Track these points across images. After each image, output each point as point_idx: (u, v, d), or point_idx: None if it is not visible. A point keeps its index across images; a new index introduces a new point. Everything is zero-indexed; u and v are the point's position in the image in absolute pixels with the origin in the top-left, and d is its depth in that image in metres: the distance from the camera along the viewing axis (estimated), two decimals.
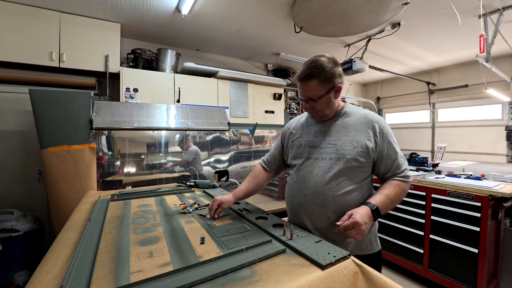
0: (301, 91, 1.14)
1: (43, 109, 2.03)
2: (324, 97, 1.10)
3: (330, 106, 1.14)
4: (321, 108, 1.14)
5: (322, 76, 1.06)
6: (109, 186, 2.21)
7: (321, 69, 1.06)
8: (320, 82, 1.07)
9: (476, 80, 4.89)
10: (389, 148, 1.10)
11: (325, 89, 1.08)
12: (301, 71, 1.10)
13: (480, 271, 1.97)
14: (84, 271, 0.70)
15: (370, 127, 1.12)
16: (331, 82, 1.08)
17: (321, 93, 1.08)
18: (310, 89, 1.09)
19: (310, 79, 1.08)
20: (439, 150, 3.09)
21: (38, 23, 2.78)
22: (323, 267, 0.73)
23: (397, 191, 1.07)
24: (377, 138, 1.10)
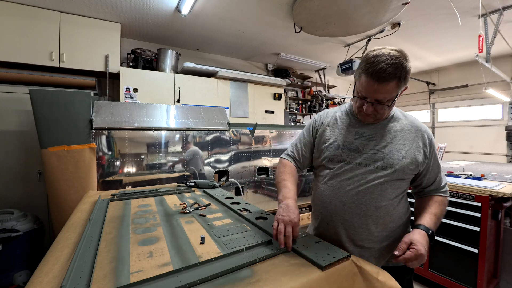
0: (371, 90, 0.92)
1: (43, 109, 2.03)
2: (395, 100, 0.96)
3: (391, 109, 1.04)
4: (386, 112, 1.01)
5: (402, 77, 0.89)
6: (109, 186, 2.21)
7: (402, 69, 0.89)
8: (398, 84, 0.90)
9: (476, 80, 4.90)
10: (434, 161, 1.04)
11: (399, 91, 0.93)
12: (381, 68, 0.87)
13: (480, 271, 1.97)
14: (84, 271, 0.70)
15: (419, 137, 1.02)
16: (405, 83, 0.93)
17: (395, 95, 0.93)
18: (387, 91, 0.91)
19: (391, 80, 0.88)
20: (439, 150, 3.09)
21: (38, 23, 2.78)
22: (323, 268, 0.73)
23: (442, 209, 1.02)
24: (426, 149, 1.01)
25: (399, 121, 1.06)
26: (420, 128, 1.04)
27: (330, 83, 5.94)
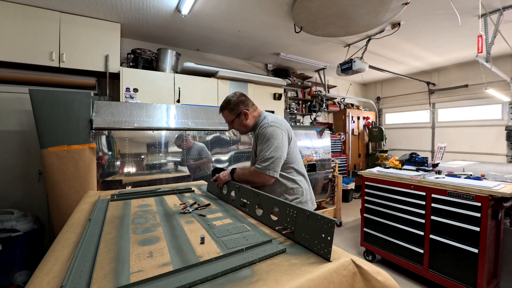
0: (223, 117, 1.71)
1: (43, 109, 2.03)
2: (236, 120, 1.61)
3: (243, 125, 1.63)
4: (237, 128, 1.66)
5: (229, 107, 1.59)
6: (109, 186, 2.21)
7: (228, 103, 1.59)
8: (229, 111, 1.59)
9: (476, 80, 4.90)
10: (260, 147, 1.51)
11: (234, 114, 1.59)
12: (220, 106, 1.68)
13: (480, 271, 1.97)
14: (84, 271, 0.70)
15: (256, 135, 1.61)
16: (237, 110, 1.57)
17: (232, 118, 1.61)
18: (225, 116, 1.64)
19: (222, 110, 1.63)
20: (439, 150, 3.09)
21: (38, 23, 2.78)
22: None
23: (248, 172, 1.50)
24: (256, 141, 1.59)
25: (257, 129, 1.59)
26: (259, 130, 1.55)
27: (330, 83, 5.94)
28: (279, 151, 1.45)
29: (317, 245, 0.82)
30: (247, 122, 1.59)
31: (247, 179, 1.47)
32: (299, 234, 0.89)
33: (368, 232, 2.81)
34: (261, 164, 1.43)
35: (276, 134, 1.47)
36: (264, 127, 1.50)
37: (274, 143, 1.45)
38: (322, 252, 0.79)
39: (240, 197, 1.33)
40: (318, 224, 0.83)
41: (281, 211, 1.00)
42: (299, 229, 0.90)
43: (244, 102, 1.58)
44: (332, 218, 0.79)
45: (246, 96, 1.61)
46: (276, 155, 1.43)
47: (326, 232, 0.79)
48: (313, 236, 0.83)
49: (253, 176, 1.46)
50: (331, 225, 0.78)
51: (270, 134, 1.47)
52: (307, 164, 3.50)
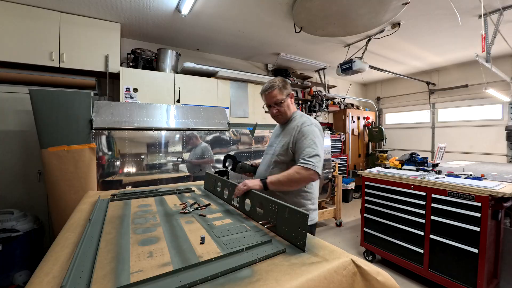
0: (267, 100, 1.55)
1: (43, 109, 2.03)
2: (286, 101, 1.52)
3: (290, 108, 1.56)
4: (284, 110, 1.54)
5: (280, 85, 1.50)
6: (109, 186, 2.21)
7: (277, 82, 1.51)
8: (279, 90, 1.50)
9: (476, 80, 4.90)
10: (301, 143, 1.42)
11: (284, 95, 1.51)
12: (263, 88, 1.55)
13: (480, 271, 1.97)
14: (84, 271, 0.70)
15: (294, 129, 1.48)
16: (286, 90, 1.52)
17: (283, 97, 1.50)
18: (275, 95, 1.50)
19: (272, 88, 1.49)
20: (439, 150, 3.09)
21: (38, 23, 2.78)
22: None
23: (290, 173, 1.35)
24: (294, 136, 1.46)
25: (293, 123, 1.51)
26: (298, 124, 1.47)
27: (330, 83, 5.94)
28: (322, 154, 1.40)
29: (294, 237, 0.88)
30: (291, 107, 1.55)
31: (291, 180, 1.33)
32: (280, 228, 0.96)
33: (368, 232, 2.81)
34: (310, 160, 1.33)
35: (319, 136, 1.44)
36: (309, 125, 1.44)
37: (319, 144, 1.40)
38: (298, 243, 0.87)
39: (231, 195, 1.35)
40: (295, 217, 0.89)
41: (265, 206, 1.07)
42: (280, 222, 0.97)
43: (289, 86, 1.54)
44: (304, 212, 0.87)
45: (287, 81, 1.56)
46: (320, 153, 1.38)
47: (301, 225, 0.87)
48: (291, 229, 0.91)
49: (299, 173, 1.32)
50: (305, 219, 0.86)
51: (316, 134, 1.42)
52: None
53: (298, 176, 1.32)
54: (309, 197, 1.51)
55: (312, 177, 1.34)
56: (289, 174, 1.32)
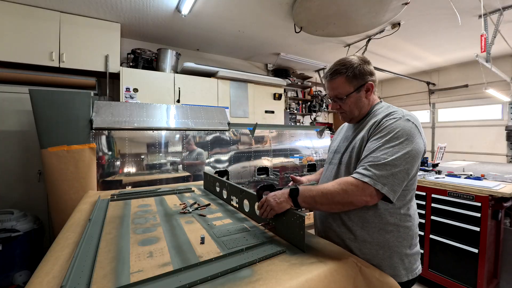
0: (328, 90, 1.09)
1: (43, 109, 2.03)
2: (353, 96, 1.02)
3: (359, 106, 1.04)
4: (349, 109, 1.04)
5: (349, 72, 1.00)
6: (109, 186, 2.21)
7: (349, 66, 1.01)
8: (347, 79, 1.00)
9: (476, 80, 4.89)
10: (373, 143, 0.92)
11: (353, 86, 1.01)
12: (328, 69, 1.07)
13: (480, 271, 1.97)
14: (84, 271, 0.70)
15: (370, 125, 0.98)
16: (361, 79, 1.01)
17: (349, 90, 1.01)
18: (337, 86, 1.03)
19: (336, 75, 1.02)
20: (439, 150, 3.09)
21: (38, 23, 2.78)
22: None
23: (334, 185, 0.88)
24: (368, 133, 0.97)
25: (372, 119, 1.01)
26: (379, 118, 0.98)
27: None
28: (410, 162, 0.86)
29: (294, 238, 0.89)
30: (367, 102, 1.05)
31: (330, 200, 0.86)
32: (279, 229, 0.97)
33: None
34: (372, 170, 0.84)
35: (414, 135, 0.89)
36: (396, 118, 0.93)
37: (408, 146, 0.86)
38: (298, 244, 0.88)
39: (230, 195, 1.35)
40: (292, 219, 0.89)
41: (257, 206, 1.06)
42: (279, 224, 0.97)
43: (371, 71, 1.06)
44: (301, 214, 0.86)
45: (369, 62, 1.08)
46: (404, 166, 0.84)
47: (299, 227, 0.87)
48: (290, 230, 0.91)
49: (347, 191, 0.84)
50: (302, 220, 0.85)
51: (406, 131, 0.89)
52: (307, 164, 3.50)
53: (343, 194, 0.84)
54: (406, 232, 0.95)
55: (366, 199, 0.84)
56: (330, 190, 0.87)
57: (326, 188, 0.88)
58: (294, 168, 3.25)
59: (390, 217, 0.93)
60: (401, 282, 0.92)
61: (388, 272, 0.90)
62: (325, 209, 0.92)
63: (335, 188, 0.86)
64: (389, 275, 0.88)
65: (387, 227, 0.93)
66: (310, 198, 0.89)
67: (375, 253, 0.93)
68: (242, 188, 1.25)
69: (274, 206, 0.91)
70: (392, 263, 0.93)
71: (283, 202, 0.91)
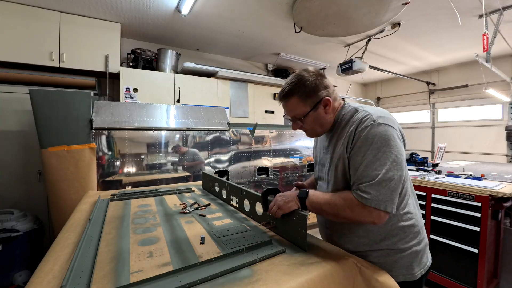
0: (284, 110, 1.03)
1: (43, 109, 2.03)
2: (310, 115, 0.97)
3: (320, 123, 1.00)
4: (311, 127, 1.01)
5: (301, 92, 0.95)
6: (109, 186, 2.21)
7: (300, 85, 0.95)
8: (301, 99, 0.95)
9: (476, 80, 4.89)
10: (356, 154, 0.89)
11: (309, 105, 0.96)
12: (281, 88, 1.00)
13: (480, 271, 1.97)
14: (84, 271, 0.70)
15: (347, 133, 0.93)
16: (315, 97, 0.95)
17: (305, 110, 0.96)
18: (293, 108, 0.98)
19: (289, 97, 0.97)
20: (439, 150, 3.09)
21: (38, 23, 2.78)
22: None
23: (336, 199, 0.88)
24: (349, 144, 0.92)
25: (345, 129, 0.96)
26: (353, 126, 0.92)
27: None
28: (399, 169, 0.85)
29: (295, 237, 0.90)
30: (328, 117, 1.00)
31: (336, 214, 0.87)
32: (281, 228, 0.97)
33: None
34: (371, 192, 0.82)
35: (391, 139, 0.87)
36: (368, 126, 0.88)
37: (391, 155, 0.84)
38: (299, 243, 0.88)
39: (229, 195, 1.35)
40: (294, 218, 0.90)
41: (263, 208, 1.06)
42: (280, 223, 0.97)
43: (325, 84, 0.98)
44: (303, 213, 0.87)
45: (324, 75, 1.01)
46: (395, 175, 0.83)
47: (301, 226, 0.87)
48: (292, 229, 0.91)
49: (352, 209, 0.84)
50: (304, 220, 0.86)
51: (383, 139, 0.86)
52: (307, 164, 3.50)
53: (349, 212, 0.85)
54: (408, 233, 0.94)
55: (374, 220, 0.83)
56: (337, 204, 0.87)
57: (333, 201, 0.88)
58: (294, 168, 3.25)
59: (391, 222, 0.92)
60: (415, 280, 0.93)
61: (402, 273, 0.92)
62: (330, 218, 0.94)
63: (341, 204, 0.86)
64: (403, 275, 0.92)
65: (392, 232, 0.93)
66: (317, 204, 0.90)
67: (386, 256, 0.92)
68: (242, 188, 1.25)
69: (282, 206, 0.91)
70: (404, 263, 0.92)
71: (291, 202, 0.91)
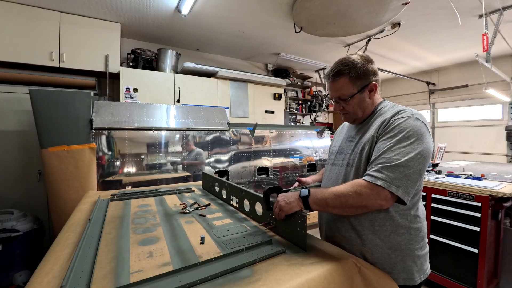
0: (330, 91, 1.04)
1: (43, 109, 2.03)
2: (356, 97, 0.98)
3: (363, 107, 1.01)
4: (353, 110, 1.02)
5: (352, 73, 0.96)
6: (109, 186, 2.21)
7: (352, 66, 0.96)
8: (351, 80, 0.97)
9: (476, 80, 4.90)
10: (382, 143, 0.89)
11: (357, 87, 0.98)
12: (330, 69, 1.02)
13: (480, 271, 1.97)
14: (84, 271, 0.70)
15: (378, 124, 0.95)
16: (364, 80, 0.97)
17: (352, 92, 0.98)
18: (340, 88, 0.99)
19: (339, 76, 0.98)
20: (439, 150, 3.09)
21: (38, 23, 2.78)
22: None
23: (346, 188, 0.86)
24: (377, 133, 0.93)
25: (379, 118, 0.98)
26: (387, 117, 0.94)
27: None
28: (421, 163, 0.84)
29: (295, 237, 0.89)
30: (370, 102, 1.02)
31: (343, 202, 0.84)
32: (281, 228, 0.97)
33: None
34: (385, 172, 0.82)
35: (424, 135, 0.87)
36: (405, 117, 0.90)
37: (419, 146, 0.84)
38: (299, 244, 0.88)
39: (229, 195, 1.36)
40: (294, 219, 0.89)
41: (264, 208, 1.06)
42: (280, 223, 0.97)
43: (375, 70, 1.01)
44: (303, 214, 0.86)
45: (373, 61, 1.02)
46: (417, 167, 0.83)
47: (300, 226, 0.87)
48: (291, 229, 0.91)
49: (360, 194, 0.82)
50: (304, 220, 0.85)
51: (417, 131, 0.86)
52: (307, 164, 3.50)
53: (357, 197, 0.82)
54: (414, 235, 0.93)
55: (381, 202, 0.82)
56: (343, 192, 0.85)
57: (339, 191, 0.85)
58: (294, 168, 3.25)
59: (401, 219, 0.91)
60: (415, 285, 0.93)
61: (402, 276, 0.91)
62: (337, 212, 0.90)
63: (348, 191, 0.84)
64: (403, 279, 0.91)
65: (399, 229, 0.91)
66: (322, 200, 0.87)
67: (387, 257, 0.91)
68: (242, 188, 1.25)
69: (283, 207, 0.90)
70: (405, 266, 0.91)
71: (292, 203, 0.89)
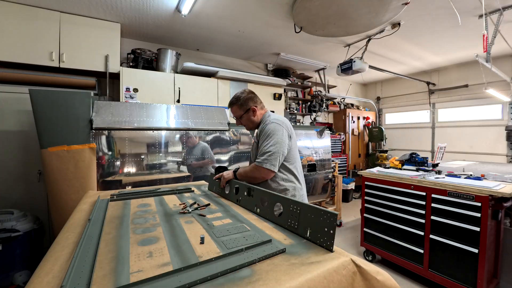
0: (231, 113, 1.76)
1: (43, 109, 2.03)
2: (244, 116, 1.69)
3: (251, 120, 1.68)
4: (245, 123, 1.73)
5: (238, 103, 1.68)
6: (109, 186, 2.21)
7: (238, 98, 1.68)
8: (238, 107, 1.67)
9: (476, 80, 4.90)
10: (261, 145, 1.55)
11: (242, 110, 1.67)
12: (229, 102, 1.78)
13: (480, 271, 1.97)
14: (84, 271, 0.70)
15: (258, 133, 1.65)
16: (246, 106, 1.65)
17: (241, 113, 1.67)
18: (234, 111, 1.71)
19: (232, 105, 1.69)
20: (439, 150, 3.09)
21: (38, 23, 2.78)
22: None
23: (251, 169, 1.53)
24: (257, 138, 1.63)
25: (261, 125, 1.63)
26: (262, 126, 1.62)
27: (330, 83, 5.94)
28: (279, 146, 1.49)
29: (320, 238, 0.87)
30: (255, 118, 1.67)
31: (248, 175, 1.51)
32: (302, 229, 0.94)
33: (368, 232, 2.81)
34: (260, 158, 1.49)
35: (277, 130, 1.52)
36: (266, 124, 1.57)
37: (274, 138, 1.50)
38: (325, 244, 0.85)
39: (241, 194, 1.35)
40: (321, 218, 0.87)
41: (284, 208, 1.04)
42: (303, 223, 0.94)
43: (253, 99, 1.67)
44: (334, 212, 0.84)
45: (254, 94, 1.69)
46: (275, 149, 1.48)
47: (329, 226, 0.84)
48: (317, 230, 0.88)
49: (253, 171, 1.50)
50: (334, 219, 0.83)
51: (272, 130, 1.53)
52: (307, 164, 3.50)
53: (255, 173, 1.50)
54: (286, 194, 1.53)
55: (264, 175, 1.50)
56: (251, 168, 1.52)
57: (247, 170, 1.54)
58: None
59: (273, 183, 1.55)
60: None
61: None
62: (248, 180, 1.48)
63: (250, 169, 1.52)
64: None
65: (279, 190, 1.52)
66: (241, 174, 1.53)
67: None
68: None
69: (225, 176, 1.53)
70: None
71: (229, 174, 1.53)
